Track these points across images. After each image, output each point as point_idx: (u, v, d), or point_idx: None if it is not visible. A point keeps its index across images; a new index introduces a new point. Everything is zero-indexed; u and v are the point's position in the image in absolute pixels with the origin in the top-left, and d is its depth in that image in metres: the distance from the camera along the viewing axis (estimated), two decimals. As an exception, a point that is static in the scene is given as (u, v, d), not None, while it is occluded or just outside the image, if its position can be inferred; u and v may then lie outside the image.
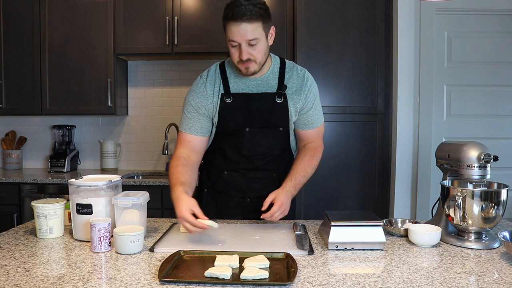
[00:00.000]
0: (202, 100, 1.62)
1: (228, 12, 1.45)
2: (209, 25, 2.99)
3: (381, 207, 2.83)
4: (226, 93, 1.61)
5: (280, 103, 1.62)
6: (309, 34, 2.79)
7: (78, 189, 1.40)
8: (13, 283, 1.04)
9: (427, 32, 2.75)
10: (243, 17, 1.42)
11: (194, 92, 1.64)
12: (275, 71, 1.64)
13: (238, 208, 1.73)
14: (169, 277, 1.06)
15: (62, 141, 3.36)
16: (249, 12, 1.42)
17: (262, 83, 1.62)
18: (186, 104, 1.65)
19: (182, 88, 3.39)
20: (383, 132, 2.83)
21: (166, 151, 3.19)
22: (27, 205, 2.86)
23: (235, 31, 1.45)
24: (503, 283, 1.04)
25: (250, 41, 1.46)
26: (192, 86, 1.67)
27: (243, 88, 1.62)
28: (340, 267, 1.18)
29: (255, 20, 1.44)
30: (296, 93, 1.63)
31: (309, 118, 1.68)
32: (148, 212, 1.49)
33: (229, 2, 1.49)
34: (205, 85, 1.63)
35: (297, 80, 1.65)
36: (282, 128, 1.65)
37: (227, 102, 1.60)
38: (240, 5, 1.43)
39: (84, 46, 3.09)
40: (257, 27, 1.46)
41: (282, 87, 1.61)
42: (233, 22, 1.44)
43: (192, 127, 1.63)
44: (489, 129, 2.81)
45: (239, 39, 1.46)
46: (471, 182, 1.42)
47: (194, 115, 1.63)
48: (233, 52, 1.51)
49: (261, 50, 1.51)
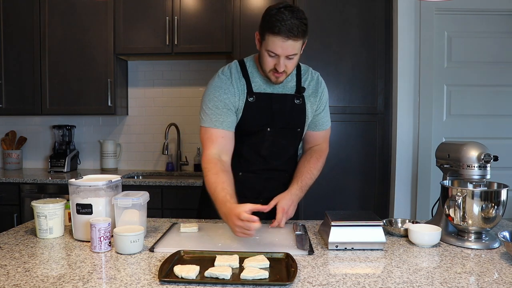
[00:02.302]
0: (231, 97, 1.57)
1: (273, 25, 1.41)
2: (209, 25, 2.99)
3: (381, 207, 2.83)
4: (249, 92, 1.59)
5: (299, 105, 1.64)
6: (309, 34, 2.78)
7: (78, 189, 1.40)
8: (13, 283, 1.04)
9: (427, 32, 2.75)
10: (289, 34, 1.41)
11: (220, 89, 1.58)
12: (293, 73, 1.65)
13: None
14: (169, 277, 1.06)
15: (62, 141, 3.36)
16: (296, 29, 1.41)
17: (282, 84, 1.62)
18: (212, 100, 1.57)
19: (182, 88, 3.40)
20: (383, 132, 2.83)
21: (166, 151, 3.19)
22: (27, 205, 2.86)
23: (279, 46, 1.44)
24: (503, 283, 1.04)
25: (289, 56, 1.47)
26: (215, 82, 1.61)
27: (265, 88, 1.62)
28: (340, 267, 1.18)
29: (300, 37, 1.45)
30: (313, 95, 1.67)
31: (320, 120, 1.71)
32: (148, 212, 1.49)
33: (270, 9, 1.46)
34: (231, 82, 1.59)
35: (313, 82, 1.68)
36: (300, 129, 1.67)
37: (250, 101, 1.59)
38: (286, 20, 1.40)
39: (84, 46, 3.09)
40: (299, 44, 1.47)
41: (301, 89, 1.64)
42: (278, 37, 1.42)
43: (224, 122, 1.56)
44: (489, 129, 2.81)
45: (281, 52, 1.45)
46: (471, 182, 1.42)
47: (223, 110, 1.56)
48: (269, 61, 1.50)
49: (295, 62, 1.53)
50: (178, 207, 2.81)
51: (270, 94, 1.61)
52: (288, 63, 1.50)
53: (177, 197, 2.82)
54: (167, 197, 2.83)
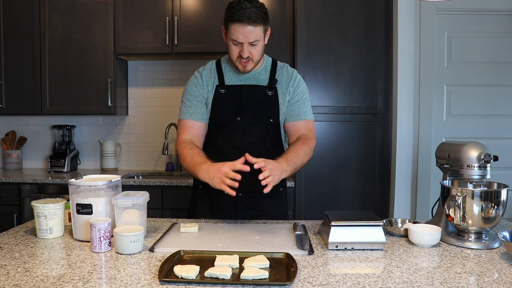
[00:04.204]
0: (199, 89, 1.74)
1: (233, 14, 1.55)
2: (209, 25, 2.99)
3: (381, 207, 2.83)
4: (221, 85, 1.73)
5: (271, 96, 1.72)
6: (309, 35, 2.79)
7: (78, 189, 1.40)
8: (13, 283, 1.04)
9: (427, 32, 2.75)
10: (249, 20, 1.54)
11: (191, 82, 1.78)
12: (267, 68, 1.76)
13: (231, 204, 1.74)
14: (169, 277, 1.06)
15: (62, 141, 3.36)
16: (254, 16, 1.54)
17: (255, 77, 1.73)
18: (185, 94, 1.77)
19: (182, 88, 3.32)
20: (383, 132, 2.83)
21: (166, 151, 3.19)
22: (27, 205, 2.86)
23: (240, 32, 1.56)
24: (503, 283, 1.04)
25: (251, 42, 1.58)
26: (189, 79, 1.80)
27: (237, 81, 1.73)
28: (340, 267, 1.18)
29: (259, 23, 1.57)
30: (285, 86, 1.74)
31: (296, 110, 1.74)
32: (148, 212, 1.49)
33: (231, 2, 1.59)
34: (201, 76, 1.76)
35: (287, 76, 1.76)
36: (273, 120, 1.72)
37: (221, 92, 1.72)
38: (245, 8, 1.54)
39: (84, 46, 3.09)
40: (259, 30, 1.58)
41: (273, 81, 1.73)
42: (238, 24, 1.55)
43: (193, 113, 1.72)
44: (489, 129, 2.81)
45: (242, 39, 1.57)
46: (471, 182, 1.42)
47: (193, 103, 1.73)
48: (233, 49, 1.62)
49: (259, 49, 1.64)
50: (178, 207, 2.81)
51: (241, 86, 1.72)
52: (252, 50, 1.61)
53: (177, 197, 2.82)
54: (167, 197, 2.83)
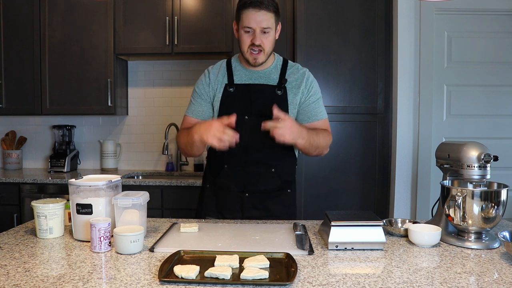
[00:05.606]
0: (205, 87, 1.76)
1: (246, 1, 1.60)
2: (209, 25, 2.99)
3: (381, 207, 2.83)
4: (230, 84, 1.73)
5: (280, 95, 1.71)
6: (309, 34, 2.79)
7: (78, 189, 1.40)
8: (13, 283, 1.04)
9: (427, 32, 2.75)
10: (262, 6, 1.59)
11: (199, 80, 1.80)
12: (278, 67, 1.76)
13: (237, 204, 1.75)
14: (169, 277, 1.06)
15: (62, 141, 3.36)
16: (267, 2, 1.59)
17: (265, 76, 1.73)
18: (193, 91, 1.81)
19: (182, 88, 3.39)
20: (383, 132, 2.83)
21: (166, 151, 3.19)
22: (27, 205, 2.86)
23: (252, 18, 1.60)
24: (503, 283, 1.04)
25: (264, 29, 1.61)
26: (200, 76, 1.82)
27: (246, 80, 1.74)
28: (340, 267, 1.18)
29: (271, 10, 1.61)
30: (296, 87, 1.73)
31: (313, 111, 1.75)
32: (148, 212, 1.49)
33: None
34: (209, 74, 1.78)
35: (298, 75, 1.75)
36: None
37: (230, 91, 1.72)
38: None
39: (84, 46, 3.09)
40: (271, 17, 1.62)
41: (283, 80, 1.73)
42: (252, 9, 1.59)
43: (195, 111, 1.77)
44: (489, 129, 2.81)
45: (255, 25, 1.60)
46: (471, 182, 1.42)
47: (197, 100, 1.78)
48: (245, 38, 1.64)
49: (271, 40, 1.66)
50: (178, 207, 2.81)
51: (250, 84, 1.72)
52: (264, 39, 1.63)
53: (177, 197, 2.82)
54: (167, 197, 2.83)
